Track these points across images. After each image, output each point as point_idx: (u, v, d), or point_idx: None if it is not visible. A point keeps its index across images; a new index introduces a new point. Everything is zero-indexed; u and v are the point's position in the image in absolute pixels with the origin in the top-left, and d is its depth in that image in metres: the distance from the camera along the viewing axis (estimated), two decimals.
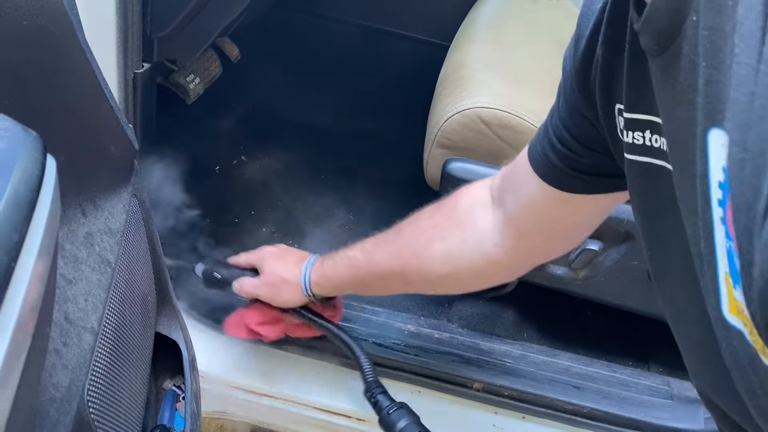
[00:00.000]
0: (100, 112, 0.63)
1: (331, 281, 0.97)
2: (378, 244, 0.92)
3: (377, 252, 0.91)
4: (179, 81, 1.36)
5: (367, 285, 0.95)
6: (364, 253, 0.93)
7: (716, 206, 0.34)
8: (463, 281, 0.89)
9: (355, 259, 0.93)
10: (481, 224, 0.81)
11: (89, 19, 0.93)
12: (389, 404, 0.95)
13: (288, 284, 1.00)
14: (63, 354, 0.52)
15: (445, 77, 1.25)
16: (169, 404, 0.92)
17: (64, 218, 0.60)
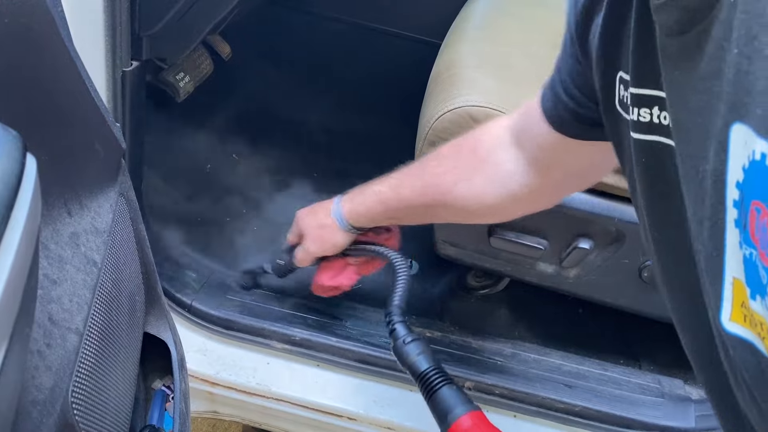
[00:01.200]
0: (84, 110, 0.62)
1: (364, 215, 1.00)
2: (403, 180, 0.95)
3: (403, 188, 0.94)
4: (169, 79, 1.36)
5: (399, 218, 0.99)
6: (391, 188, 0.96)
7: (731, 207, 0.31)
8: (492, 215, 0.93)
9: (383, 193, 0.96)
10: (505, 165, 0.83)
11: (77, 17, 0.93)
12: (405, 334, 0.94)
13: (326, 228, 1.03)
14: (46, 355, 0.52)
15: (436, 75, 1.24)
16: (159, 404, 0.91)
17: (49, 218, 0.59)
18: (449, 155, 0.91)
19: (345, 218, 1.01)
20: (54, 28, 0.53)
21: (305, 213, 1.08)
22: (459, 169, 0.88)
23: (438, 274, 1.41)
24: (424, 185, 0.92)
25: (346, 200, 1.02)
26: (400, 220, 1.01)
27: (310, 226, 1.05)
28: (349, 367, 1.17)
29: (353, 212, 1.00)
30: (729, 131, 0.31)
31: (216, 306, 1.21)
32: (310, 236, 1.05)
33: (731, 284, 0.32)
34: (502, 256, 1.17)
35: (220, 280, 1.28)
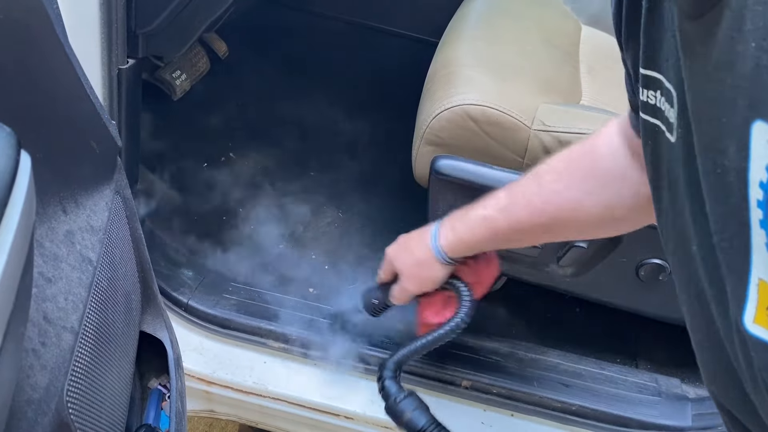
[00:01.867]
0: (80, 108, 0.62)
1: (468, 245, 0.92)
2: (514, 201, 0.87)
3: (515, 210, 0.86)
4: (165, 77, 1.35)
5: (508, 242, 0.92)
6: (499, 212, 0.87)
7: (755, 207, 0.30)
8: (618, 228, 0.87)
9: (491, 219, 0.88)
10: (630, 174, 0.77)
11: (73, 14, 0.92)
12: (396, 391, 0.92)
13: (424, 265, 0.95)
14: (41, 354, 0.51)
15: (433, 74, 1.24)
16: (155, 403, 0.91)
17: (44, 216, 0.59)
18: (566, 169, 0.83)
19: (444, 251, 0.93)
20: (49, 25, 0.52)
21: (397, 250, 1.00)
22: (582, 183, 0.81)
23: None
24: (542, 203, 0.84)
25: (446, 230, 0.93)
26: (509, 244, 0.93)
27: (406, 264, 0.98)
28: (345, 365, 1.17)
29: (456, 243, 0.92)
30: (750, 129, 0.30)
31: (212, 305, 1.21)
32: (407, 274, 0.98)
33: (756, 285, 0.31)
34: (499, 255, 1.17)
35: (216, 278, 1.28)
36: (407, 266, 0.97)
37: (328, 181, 1.61)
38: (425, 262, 0.95)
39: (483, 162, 1.10)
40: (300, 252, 1.43)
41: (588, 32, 1.44)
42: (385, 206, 1.56)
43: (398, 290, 1.00)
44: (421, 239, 0.95)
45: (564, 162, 0.84)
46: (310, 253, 1.43)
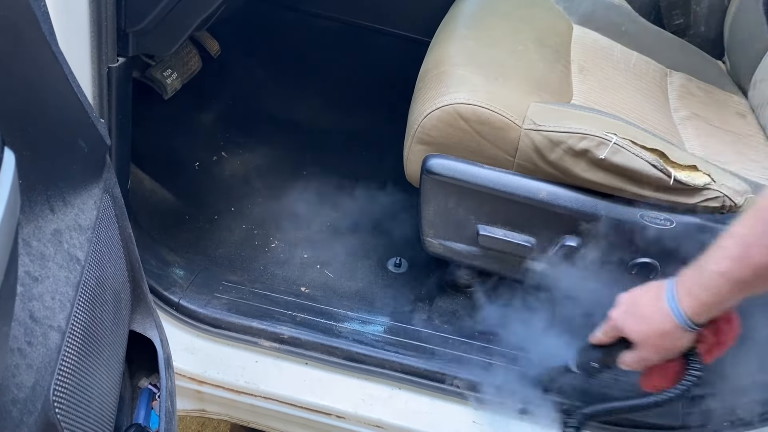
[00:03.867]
0: (67, 106, 0.61)
1: (712, 306, 0.84)
2: (749, 246, 0.79)
3: (756, 248, 0.78)
4: (156, 76, 1.35)
5: (754, 290, 0.82)
6: (737, 262, 0.80)
7: None
8: None
9: (732, 272, 0.80)
10: None
11: (62, 12, 0.92)
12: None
13: (668, 336, 0.87)
14: (27, 353, 0.51)
15: (425, 73, 1.24)
16: (145, 403, 0.91)
17: (31, 214, 0.58)
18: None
19: (689, 318, 0.85)
20: (35, 23, 0.52)
21: (626, 315, 0.92)
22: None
23: (427, 272, 1.41)
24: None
25: (684, 296, 0.85)
26: (754, 291, 0.83)
27: (644, 334, 0.90)
28: (337, 365, 1.17)
29: (699, 307, 0.85)
30: None
31: (204, 304, 1.20)
32: (647, 345, 0.90)
33: None
34: (490, 253, 1.17)
35: (208, 277, 1.28)
36: (646, 336, 0.90)
37: (320, 180, 1.61)
38: (669, 332, 0.87)
39: (474, 161, 1.11)
40: (292, 251, 1.43)
41: (579, 32, 1.44)
42: (377, 205, 1.55)
43: (634, 359, 0.93)
44: (657, 305, 0.87)
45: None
46: (302, 253, 1.43)
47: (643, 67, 1.41)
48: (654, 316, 0.88)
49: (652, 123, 1.22)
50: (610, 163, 1.02)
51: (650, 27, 1.56)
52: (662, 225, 1.06)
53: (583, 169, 1.05)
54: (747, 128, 1.35)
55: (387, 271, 1.41)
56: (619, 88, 1.30)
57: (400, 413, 1.15)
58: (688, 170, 1.05)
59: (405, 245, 1.46)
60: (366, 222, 1.52)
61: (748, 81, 1.48)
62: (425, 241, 1.20)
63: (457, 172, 1.10)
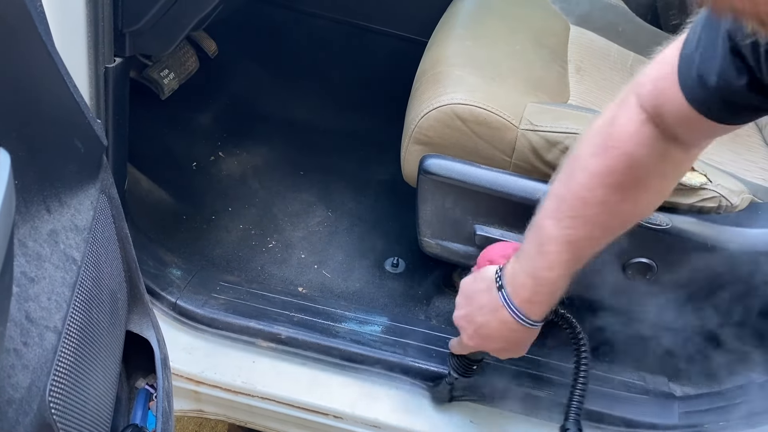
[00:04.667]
0: (63, 106, 0.61)
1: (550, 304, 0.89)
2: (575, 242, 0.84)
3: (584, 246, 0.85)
4: (153, 76, 1.35)
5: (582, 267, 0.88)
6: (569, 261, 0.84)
7: None
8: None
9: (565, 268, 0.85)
10: (673, 157, 0.80)
11: (59, 12, 0.92)
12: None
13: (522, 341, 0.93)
14: (23, 354, 0.51)
15: (422, 73, 1.24)
16: (142, 403, 0.91)
17: (27, 215, 0.58)
18: (607, 186, 0.81)
19: (537, 321, 0.89)
20: (30, 23, 0.52)
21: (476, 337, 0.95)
22: (633, 190, 0.81)
23: (424, 272, 1.41)
24: (604, 229, 0.84)
25: (525, 306, 0.88)
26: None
27: (503, 348, 0.95)
28: (335, 365, 1.17)
29: (543, 308, 0.89)
30: None
31: (201, 304, 1.20)
32: (507, 352, 0.96)
33: None
34: None
35: (205, 278, 1.27)
36: (504, 349, 0.95)
37: (317, 180, 1.61)
38: (522, 339, 0.92)
39: (471, 161, 1.11)
40: (289, 251, 1.43)
41: (576, 32, 1.44)
42: (375, 205, 1.56)
43: (502, 354, 0.98)
44: (503, 323, 0.90)
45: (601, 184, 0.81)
46: (299, 253, 1.43)
47: (640, 67, 1.41)
48: (504, 334, 0.91)
49: None
50: None
51: (647, 27, 1.56)
52: (659, 225, 1.06)
53: None
54: (743, 128, 1.35)
55: (384, 271, 1.41)
56: (616, 89, 1.30)
57: (397, 413, 1.15)
58: None
59: (402, 245, 1.46)
60: (363, 222, 1.52)
61: None
62: (422, 241, 1.20)
63: (454, 172, 1.10)
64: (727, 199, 1.05)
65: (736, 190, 1.06)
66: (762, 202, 1.11)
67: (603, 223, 0.84)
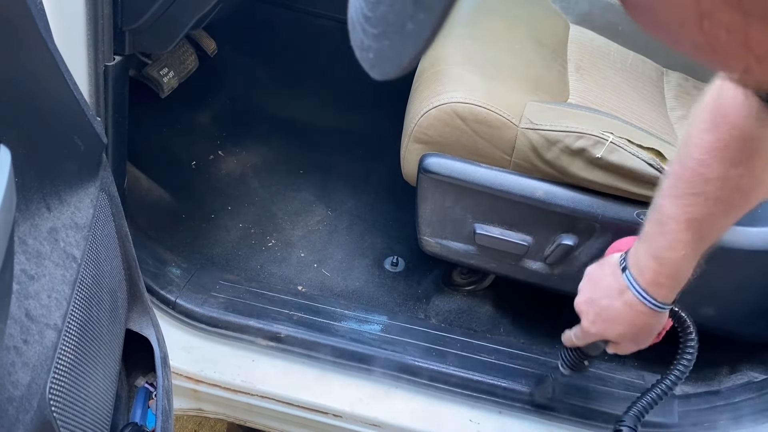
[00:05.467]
0: (63, 104, 0.61)
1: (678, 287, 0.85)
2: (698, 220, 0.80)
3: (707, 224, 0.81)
4: (152, 74, 1.35)
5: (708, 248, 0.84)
6: (694, 242, 0.81)
7: None
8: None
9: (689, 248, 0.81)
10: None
11: (58, 10, 0.92)
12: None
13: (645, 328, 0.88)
14: (23, 351, 0.51)
15: (422, 72, 1.24)
16: (141, 402, 0.91)
17: (27, 213, 0.58)
18: (724, 161, 0.78)
19: (663, 303, 0.86)
20: (30, 20, 0.52)
21: (598, 323, 0.91)
22: (750, 162, 0.77)
23: (424, 271, 1.41)
24: (728, 205, 0.80)
25: (650, 286, 0.85)
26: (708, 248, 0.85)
27: (623, 334, 0.90)
28: (334, 364, 1.17)
29: (669, 292, 0.85)
30: None
31: (200, 303, 1.20)
32: (628, 342, 0.91)
33: None
34: (486, 252, 1.17)
35: (204, 276, 1.27)
36: (623, 335, 0.90)
37: (317, 179, 1.61)
38: (646, 325, 0.88)
39: (471, 160, 1.11)
40: (289, 250, 1.43)
41: (576, 31, 1.44)
42: (374, 204, 1.56)
43: (620, 350, 0.93)
44: (627, 304, 0.87)
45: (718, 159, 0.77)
46: (299, 251, 1.43)
47: (639, 66, 1.41)
48: (629, 318, 0.87)
49: (648, 122, 1.23)
50: (607, 162, 1.03)
51: None
52: None
53: (580, 168, 1.05)
54: None
55: (384, 270, 1.41)
56: (615, 88, 1.30)
57: (397, 412, 1.15)
58: None
59: (402, 244, 1.46)
60: (363, 221, 1.52)
61: None
62: (422, 240, 1.20)
63: (454, 171, 1.10)
64: None
65: None
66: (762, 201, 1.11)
67: (724, 199, 0.80)
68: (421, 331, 1.23)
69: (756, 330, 1.16)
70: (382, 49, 0.32)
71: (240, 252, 1.41)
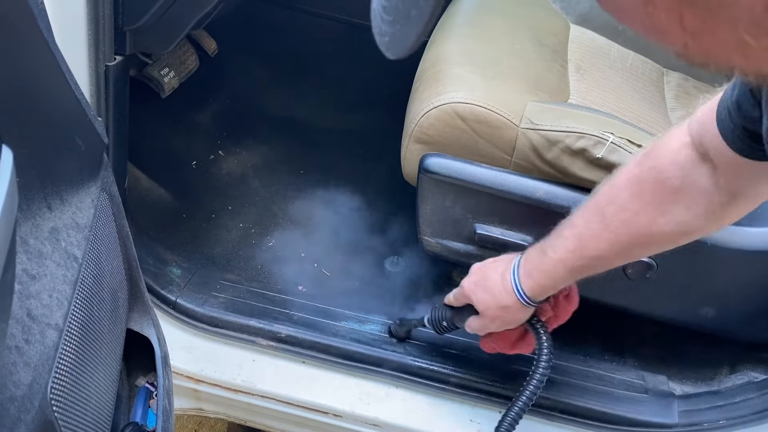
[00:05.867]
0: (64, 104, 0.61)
1: (550, 287, 0.94)
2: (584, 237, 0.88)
3: (589, 246, 0.88)
4: (153, 74, 1.35)
5: (587, 274, 0.92)
6: (573, 252, 0.89)
7: None
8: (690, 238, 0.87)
9: (567, 260, 0.90)
10: (702, 186, 0.79)
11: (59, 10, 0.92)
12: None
13: (509, 309, 0.97)
14: (25, 351, 0.51)
15: (422, 72, 1.24)
16: (142, 401, 0.91)
17: (28, 212, 0.58)
18: (631, 195, 0.84)
19: (529, 296, 0.94)
20: (32, 20, 0.52)
21: (476, 287, 1.00)
22: (652, 205, 0.83)
23: (424, 271, 1.41)
24: (615, 235, 0.86)
25: (524, 277, 0.94)
26: (586, 274, 0.93)
27: (489, 306, 0.98)
28: (335, 363, 1.17)
29: (537, 288, 0.94)
30: None
31: (201, 303, 1.20)
32: (489, 315, 0.99)
33: None
34: (487, 252, 1.17)
35: (205, 276, 1.27)
36: (490, 308, 0.98)
37: (317, 178, 1.61)
38: (509, 306, 0.96)
39: (471, 160, 1.11)
40: (289, 250, 1.43)
41: (577, 31, 1.44)
42: (374, 204, 1.56)
43: (477, 324, 1.02)
44: (502, 281, 0.96)
45: (626, 188, 0.85)
46: (299, 251, 1.43)
47: (640, 66, 1.41)
48: (498, 290, 0.97)
49: (648, 122, 1.23)
50: (607, 162, 1.03)
51: None
52: None
53: (580, 168, 1.05)
54: None
55: (384, 269, 1.41)
56: (616, 88, 1.30)
57: (397, 412, 1.15)
58: None
59: (402, 244, 1.46)
60: (363, 221, 1.52)
61: None
62: (423, 240, 1.20)
63: (455, 171, 1.10)
64: None
65: None
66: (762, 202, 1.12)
67: (614, 229, 0.86)
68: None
69: (756, 330, 1.16)
70: (394, 33, 0.40)
71: (240, 252, 1.41)
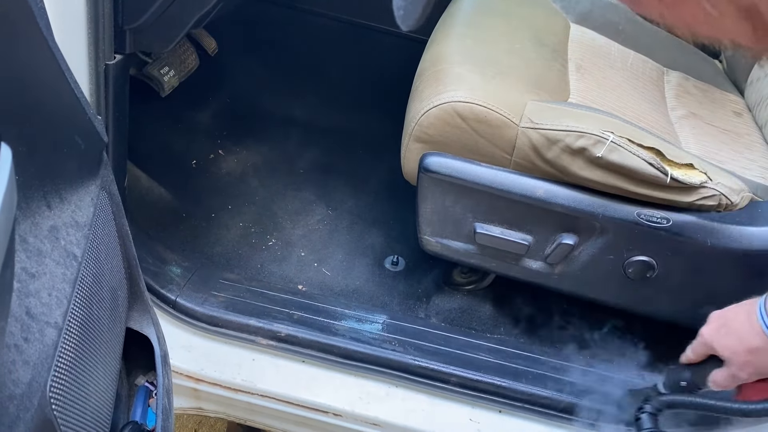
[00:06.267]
0: (64, 102, 0.61)
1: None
2: None
3: None
4: (153, 73, 1.35)
5: None
6: None
7: None
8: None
9: None
10: None
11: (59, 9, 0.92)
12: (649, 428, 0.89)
13: (758, 351, 0.86)
14: (24, 350, 0.51)
15: (422, 71, 1.24)
16: (142, 400, 0.91)
17: (28, 211, 0.58)
18: None
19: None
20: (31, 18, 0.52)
21: (718, 334, 0.90)
22: None
23: (424, 270, 1.41)
24: None
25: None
26: None
27: (736, 351, 0.88)
28: (334, 363, 1.17)
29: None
30: None
31: (201, 302, 1.20)
32: (738, 363, 0.88)
33: None
34: (487, 252, 1.17)
35: (205, 275, 1.27)
36: (737, 353, 0.88)
37: (317, 178, 1.61)
38: (760, 348, 0.86)
39: (471, 159, 1.11)
40: (289, 249, 1.43)
41: (577, 30, 1.44)
42: (374, 203, 1.56)
43: (724, 376, 0.91)
44: (749, 323, 0.86)
45: None
46: (299, 251, 1.43)
47: (640, 66, 1.41)
48: (744, 330, 0.86)
49: (649, 121, 1.23)
50: (607, 162, 1.03)
51: (647, 26, 1.56)
52: (659, 223, 1.06)
53: (580, 167, 1.05)
54: (743, 127, 1.35)
55: (384, 269, 1.41)
56: (616, 87, 1.30)
57: (397, 411, 1.15)
58: (684, 168, 1.05)
59: (402, 243, 1.46)
60: (363, 220, 1.52)
61: (745, 80, 1.48)
62: (422, 239, 1.20)
63: (455, 171, 1.10)
64: (727, 197, 1.05)
65: (736, 189, 1.06)
66: (762, 201, 1.12)
67: None
68: (422, 330, 1.23)
69: None
70: (407, 7, 0.48)
71: (240, 251, 1.41)
